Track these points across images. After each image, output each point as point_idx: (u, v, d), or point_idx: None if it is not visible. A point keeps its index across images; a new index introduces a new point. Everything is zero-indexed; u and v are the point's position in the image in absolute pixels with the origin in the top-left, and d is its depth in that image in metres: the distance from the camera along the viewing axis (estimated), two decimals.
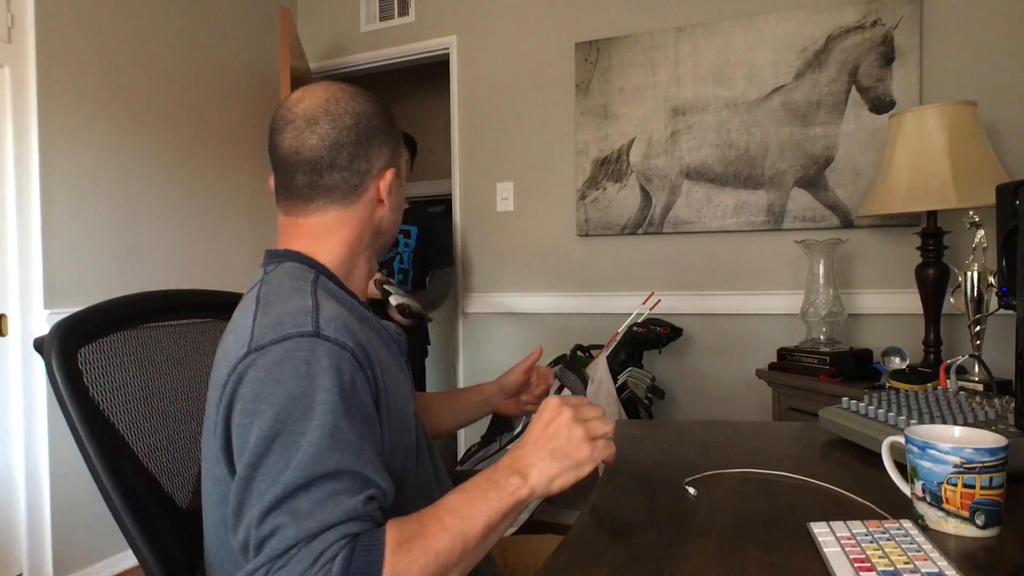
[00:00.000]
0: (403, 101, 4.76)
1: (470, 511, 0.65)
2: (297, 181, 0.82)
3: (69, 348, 0.83)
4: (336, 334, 0.68)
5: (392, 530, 0.62)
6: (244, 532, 0.62)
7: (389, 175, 0.84)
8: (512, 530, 1.66)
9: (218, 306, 1.03)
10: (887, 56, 2.21)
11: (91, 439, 0.79)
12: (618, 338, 2.31)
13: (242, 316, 0.74)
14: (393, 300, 2.18)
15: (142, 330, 0.94)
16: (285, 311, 0.70)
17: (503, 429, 2.41)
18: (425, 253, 2.67)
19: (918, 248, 1.93)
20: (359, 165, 0.82)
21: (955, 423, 0.93)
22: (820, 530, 0.71)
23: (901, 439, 0.79)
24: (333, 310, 0.72)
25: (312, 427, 0.63)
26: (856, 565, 0.62)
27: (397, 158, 0.87)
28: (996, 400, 1.05)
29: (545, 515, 2.65)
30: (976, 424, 0.92)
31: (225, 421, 0.69)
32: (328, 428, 0.63)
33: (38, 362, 2.23)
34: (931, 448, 0.73)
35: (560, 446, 0.70)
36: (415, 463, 0.80)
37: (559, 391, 2.44)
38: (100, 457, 0.79)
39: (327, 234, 0.82)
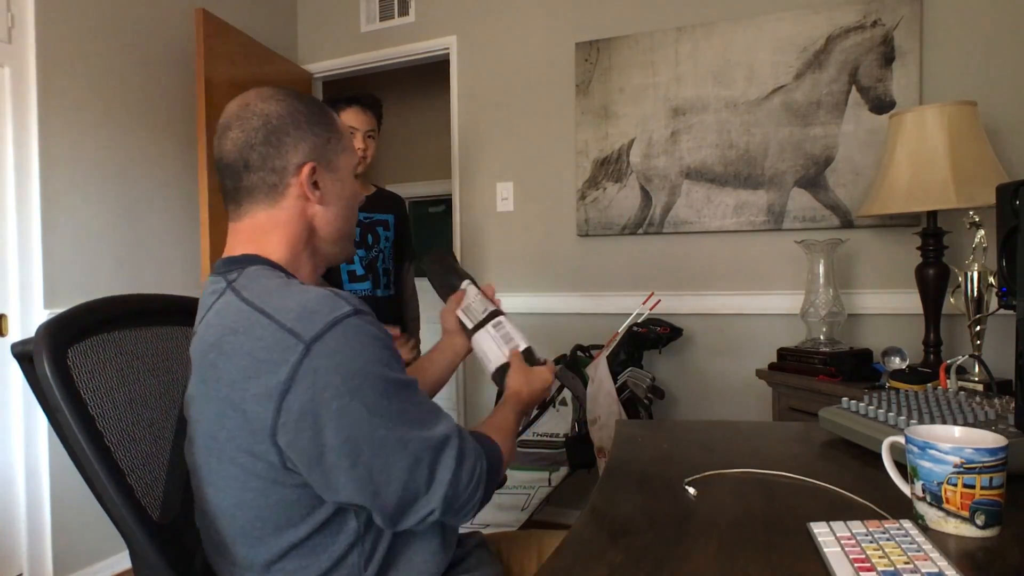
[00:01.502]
0: (403, 101, 4.77)
1: (508, 417, 0.97)
2: (225, 186, 0.86)
3: (60, 347, 0.80)
4: (361, 306, 0.76)
5: (474, 431, 0.87)
6: (445, 486, 0.76)
7: (306, 169, 0.84)
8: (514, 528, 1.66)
9: (187, 312, 0.98)
10: (887, 56, 2.21)
11: (88, 441, 0.77)
12: (618, 338, 2.31)
13: (242, 319, 0.74)
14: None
15: (116, 335, 0.90)
16: (305, 302, 0.73)
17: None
18: (400, 244, 2.33)
19: (918, 248, 1.93)
20: (272, 163, 0.83)
21: (955, 423, 0.93)
22: (820, 530, 0.71)
23: (901, 439, 0.79)
24: (342, 292, 0.77)
25: (406, 379, 0.76)
26: (856, 565, 0.62)
27: (323, 152, 0.86)
28: (996, 400, 1.05)
29: (545, 515, 2.65)
30: (976, 424, 0.92)
31: (286, 414, 0.70)
32: (408, 378, 0.78)
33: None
34: (931, 448, 0.73)
35: (529, 382, 1.04)
36: None
37: (559, 391, 2.44)
38: (98, 459, 0.77)
39: (263, 235, 0.85)
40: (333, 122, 0.89)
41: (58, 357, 0.78)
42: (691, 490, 0.89)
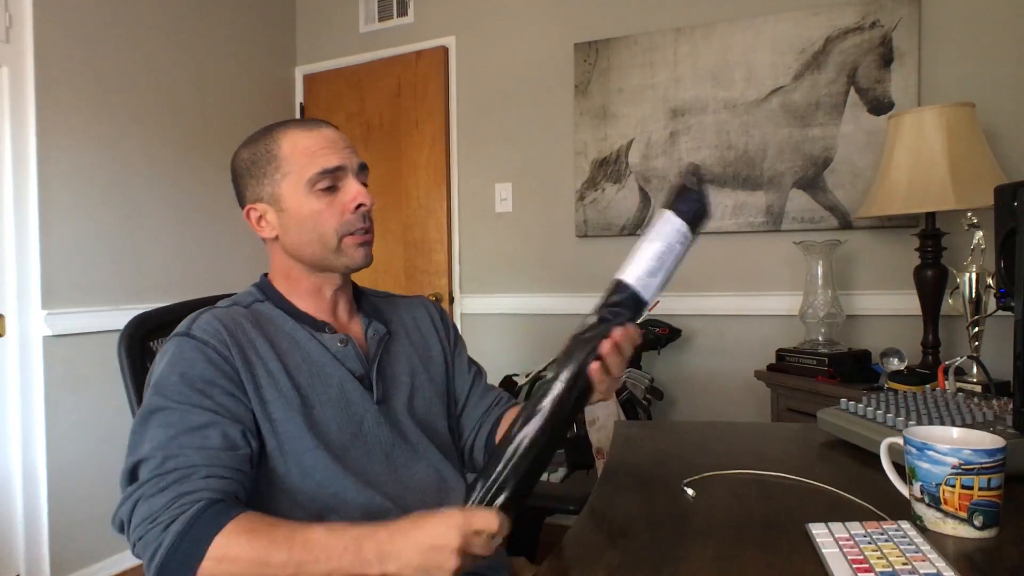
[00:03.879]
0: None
1: (321, 555, 0.70)
2: None
3: (135, 336, 1.07)
4: (196, 332, 0.90)
5: (245, 518, 0.74)
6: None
7: (247, 215, 0.98)
8: None
9: None
10: (886, 57, 2.22)
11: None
12: None
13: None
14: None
15: None
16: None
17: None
18: None
19: (917, 249, 1.93)
20: (242, 205, 1.00)
21: (953, 424, 0.93)
22: (818, 531, 0.71)
23: (899, 440, 0.79)
24: (215, 313, 0.93)
25: (160, 405, 0.87)
26: (854, 566, 0.62)
27: (261, 193, 0.96)
28: (994, 401, 1.05)
29: None
30: (974, 425, 0.92)
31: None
32: (160, 405, 0.88)
33: (36, 362, 2.23)
34: (929, 449, 0.73)
35: (430, 565, 0.67)
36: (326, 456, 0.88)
37: None
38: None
39: (271, 258, 1.02)
40: (265, 162, 0.96)
41: (132, 345, 1.05)
42: (689, 491, 0.89)
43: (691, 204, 0.77)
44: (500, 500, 0.68)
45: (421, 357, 1.07)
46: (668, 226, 0.76)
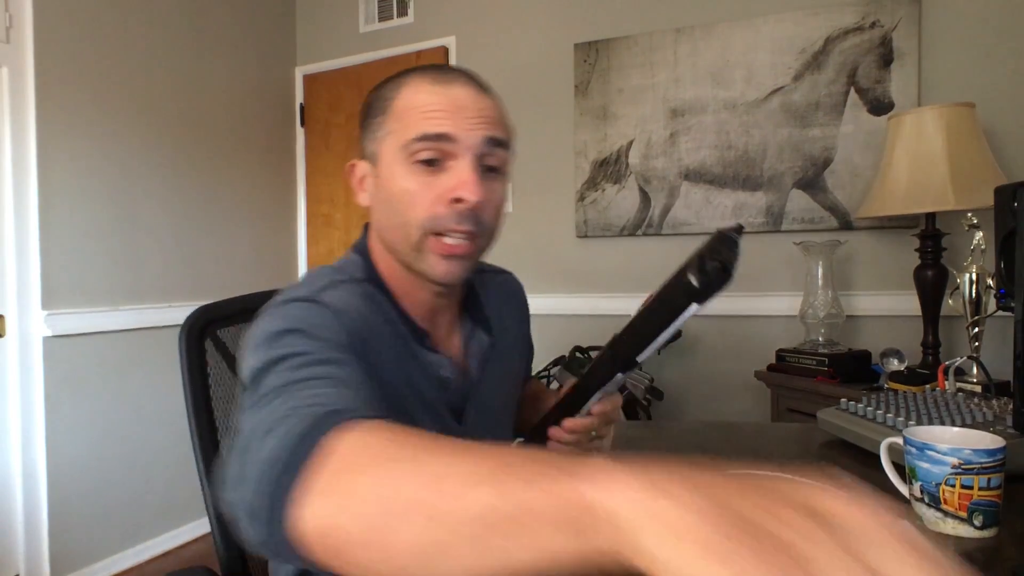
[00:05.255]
0: None
1: (514, 467, 0.36)
2: None
3: (196, 326, 0.96)
4: (316, 296, 0.71)
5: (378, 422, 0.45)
6: None
7: (354, 168, 0.78)
8: None
9: None
10: (886, 58, 2.22)
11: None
12: None
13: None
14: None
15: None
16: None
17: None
18: None
19: (917, 250, 1.93)
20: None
21: (953, 424, 0.93)
22: None
23: (899, 440, 0.79)
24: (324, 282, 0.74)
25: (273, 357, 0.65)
26: None
27: (366, 149, 0.76)
28: (994, 401, 1.05)
29: None
30: (974, 425, 0.92)
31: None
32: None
33: (36, 363, 2.23)
34: (929, 449, 0.73)
35: (751, 525, 0.29)
36: None
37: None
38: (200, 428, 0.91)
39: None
40: (380, 108, 0.75)
41: (191, 335, 0.94)
42: None
43: (717, 286, 0.61)
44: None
45: (515, 367, 0.90)
46: (688, 313, 0.63)
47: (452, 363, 0.77)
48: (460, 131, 0.70)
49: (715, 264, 0.60)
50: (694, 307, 0.61)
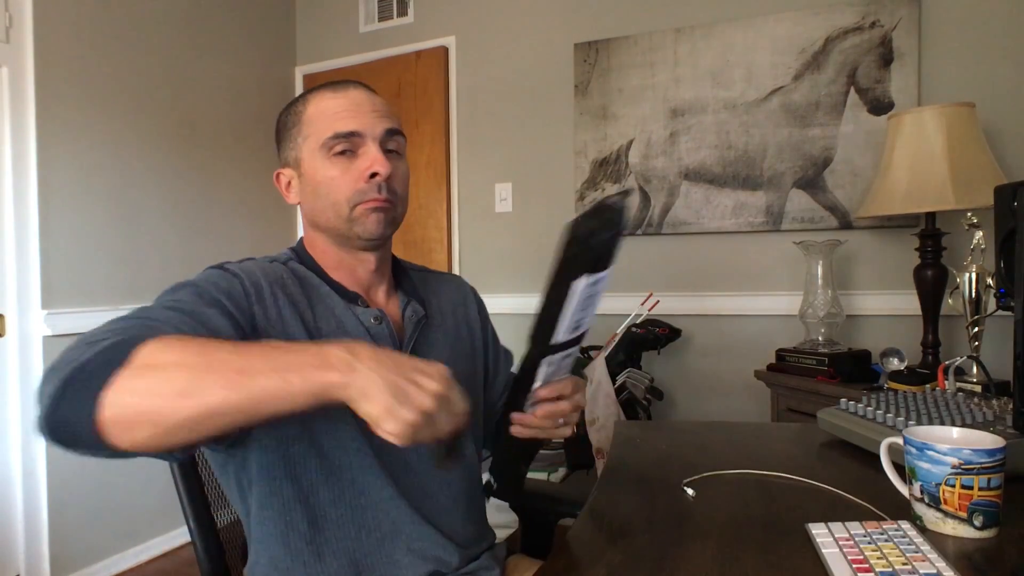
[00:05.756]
0: None
1: (273, 352, 0.60)
2: None
3: None
4: (230, 264, 0.87)
5: (154, 342, 0.60)
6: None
7: (279, 176, 0.94)
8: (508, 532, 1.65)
9: None
10: (886, 57, 2.22)
11: None
12: (616, 339, 2.31)
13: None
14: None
15: None
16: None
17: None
18: None
19: (917, 249, 1.93)
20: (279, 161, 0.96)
21: (953, 424, 0.93)
22: (818, 531, 0.71)
23: (899, 440, 0.79)
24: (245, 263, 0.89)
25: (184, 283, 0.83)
26: (854, 566, 0.62)
27: (288, 157, 0.92)
28: (994, 401, 1.05)
29: None
30: (974, 425, 0.92)
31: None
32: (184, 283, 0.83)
33: (36, 362, 2.23)
34: (929, 449, 0.73)
35: (399, 388, 0.59)
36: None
37: None
38: None
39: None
40: (295, 121, 0.92)
41: None
42: (689, 491, 0.89)
43: (594, 255, 0.64)
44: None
45: (460, 346, 1.01)
46: (580, 286, 0.67)
47: (388, 320, 0.91)
48: (364, 127, 0.87)
49: (587, 233, 0.63)
50: (584, 279, 0.65)
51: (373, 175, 0.86)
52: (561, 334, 0.72)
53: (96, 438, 0.58)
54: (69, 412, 0.57)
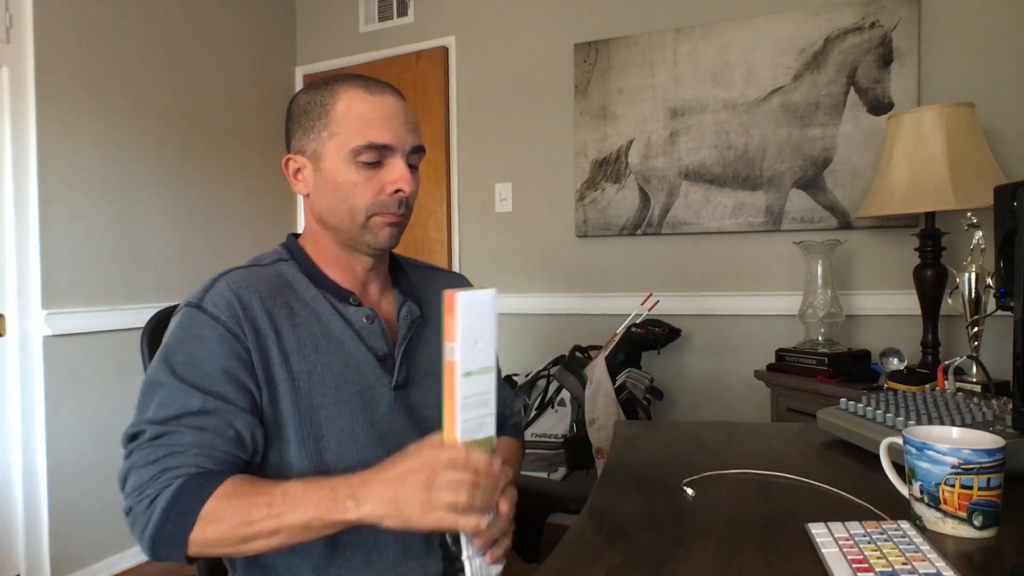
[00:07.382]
0: None
1: (299, 504, 0.73)
2: None
3: None
4: (206, 304, 0.85)
5: (229, 483, 0.76)
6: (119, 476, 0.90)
7: (288, 162, 0.93)
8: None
9: None
10: (885, 58, 2.22)
11: None
12: (616, 339, 2.31)
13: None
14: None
15: None
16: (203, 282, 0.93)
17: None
18: None
19: (916, 249, 1.93)
20: (288, 150, 0.95)
21: (953, 424, 0.93)
22: (818, 531, 0.71)
23: (899, 440, 0.79)
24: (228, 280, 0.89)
25: (162, 379, 0.87)
26: (854, 566, 0.63)
27: (305, 146, 0.91)
28: (994, 401, 1.05)
29: None
30: (974, 425, 0.92)
31: None
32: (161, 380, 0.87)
33: (36, 362, 2.23)
34: (929, 449, 0.73)
35: (405, 498, 0.70)
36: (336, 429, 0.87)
37: (558, 392, 2.44)
38: None
39: (304, 217, 0.98)
40: (315, 109, 0.90)
41: (153, 340, 1.04)
42: (689, 491, 0.89)
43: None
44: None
45: None
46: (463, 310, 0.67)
47: (380, 318, 0.92)
48: (397, 140, 0.88)
49: None
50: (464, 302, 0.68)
51: (397, 191, 0.88)
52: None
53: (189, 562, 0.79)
54: (166, 557, 0.78)
